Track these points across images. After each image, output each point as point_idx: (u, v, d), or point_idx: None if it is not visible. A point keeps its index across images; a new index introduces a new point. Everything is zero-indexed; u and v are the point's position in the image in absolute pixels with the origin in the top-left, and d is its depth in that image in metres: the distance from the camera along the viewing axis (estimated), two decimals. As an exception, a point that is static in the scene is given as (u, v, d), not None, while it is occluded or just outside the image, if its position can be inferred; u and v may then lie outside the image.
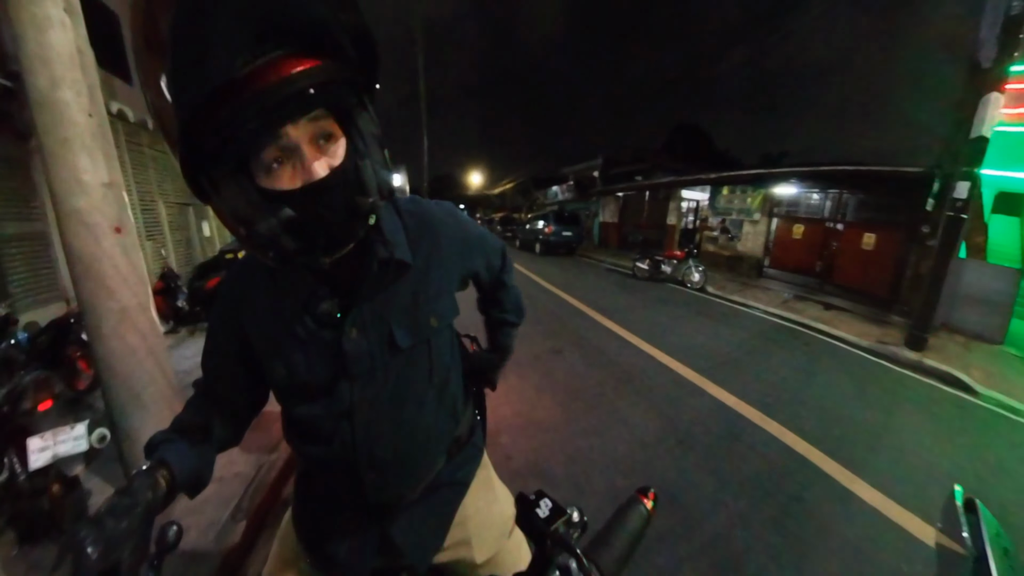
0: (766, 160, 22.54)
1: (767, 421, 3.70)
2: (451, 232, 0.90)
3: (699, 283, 9.98)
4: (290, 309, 0.76)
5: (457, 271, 0.92)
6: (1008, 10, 5.32)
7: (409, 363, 0.82)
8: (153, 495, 0.67)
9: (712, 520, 2.50)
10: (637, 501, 0.96)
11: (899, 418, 4.03)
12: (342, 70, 0.59)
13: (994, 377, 5.31)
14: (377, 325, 0.78)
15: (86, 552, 0.55)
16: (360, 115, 0.63)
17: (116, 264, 2.06)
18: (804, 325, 7.28)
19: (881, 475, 3.01)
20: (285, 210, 0.57)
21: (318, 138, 0.59)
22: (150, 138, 7.21)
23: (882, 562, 2.26)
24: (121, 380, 2.17)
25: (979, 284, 7.15)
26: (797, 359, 5.53)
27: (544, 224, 17.26)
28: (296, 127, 0.56)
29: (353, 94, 0.62)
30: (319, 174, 0.58)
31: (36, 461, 1.89)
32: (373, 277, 0.75)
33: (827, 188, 10.85)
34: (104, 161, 2.00)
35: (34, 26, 1.80)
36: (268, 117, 0.53)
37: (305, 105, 0.55)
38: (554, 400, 3.96)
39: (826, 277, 10.49)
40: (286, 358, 0.77)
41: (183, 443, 0.79)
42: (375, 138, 0.65)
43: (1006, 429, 4.04)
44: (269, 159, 0.57)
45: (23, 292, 4.43)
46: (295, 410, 0.82)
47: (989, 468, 3.30)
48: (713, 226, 14.20)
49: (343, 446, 0.80)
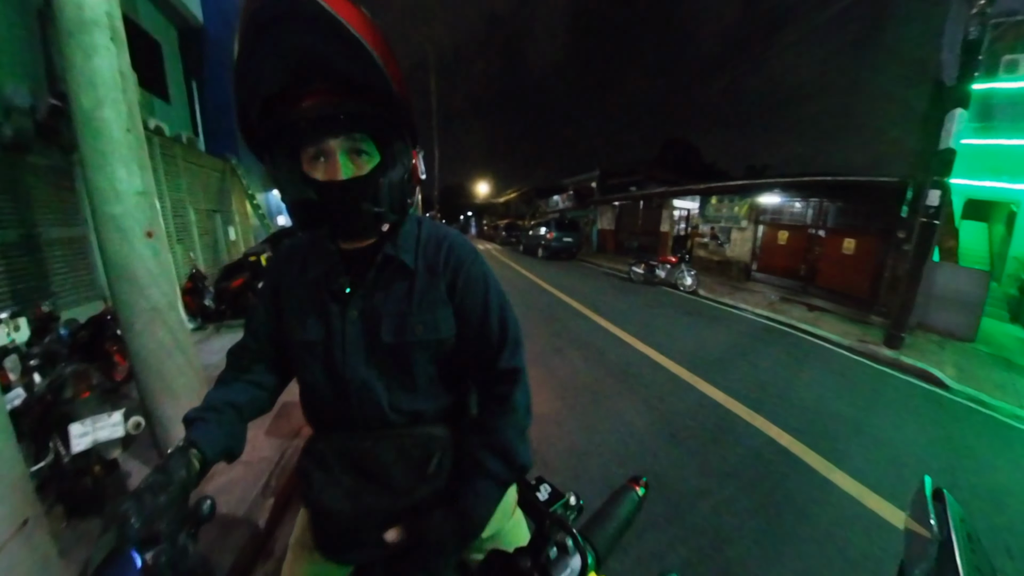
0: (751, 172, 22.55)
1: (753, 416, 3.69)
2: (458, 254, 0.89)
3: (691, 286, 9.95)
4: (312, 279, 0.87)
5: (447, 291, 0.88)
6: (967, 34, 5.46)
7: (390, 358, 0.85)
8: (187, 472, 0.70)
9: (699, 507, 2.50)
10: (629, 488, 0.97)
11: (877, 412, 4.02)
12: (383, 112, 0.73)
13: (966, 373, 5.30)
14: (371, 313, 0.84)
15: (130, 522, 0.58)
16: (397, 145, 0.77)
17: (147, 266, 2.12)
18: (789, 325, 7.25)
19: (858, 465, 3.01)
20: (309, 191, 0.73)
21: (352, 151, 0.74)
22: (183, 151, 7.36)
23: (855, 545, 2.27)
24: (153, 372, 2.23)
25: (952, 286, 7.16)
26: (783, 357, 5.51)
27: (546, 230, 17.32)
28: (336, 139, 0.71)
29: (396, 131, 0.77)
30: (341, 177, 0.72)
31: (78, 445, 1.96)
32: (377, 270, 0.85)
33: (809, 197, 10.85)
34: (139, 172, 2.06)
35: (82, 52, 1.87)
36: (314, 127, 0.70)
37: (342, 126, 0.71)
38: (554, 395, 3.96)
39: (810, 280, 10.46)
40: (302, 318, 0.87)
41: (212, 421, 0.81)
42: (404, 167, 0.79)
43: (976, 421, 4.05)
44: (312, 153, 0.72)
45: (64, 291, 4.50)
46: (303, 374, 0.89)
47: (959, 457, 3.31)
48: (703, 233, 14.19)
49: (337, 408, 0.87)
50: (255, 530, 2.11)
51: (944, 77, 6.53)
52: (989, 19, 5.54)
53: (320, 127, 0.70)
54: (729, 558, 2.14)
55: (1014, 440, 3.74)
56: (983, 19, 5.35)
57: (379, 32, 0.69)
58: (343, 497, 0.85)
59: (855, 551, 2.22)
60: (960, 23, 5.89)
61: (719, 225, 13.56)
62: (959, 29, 5.82)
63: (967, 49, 5.48)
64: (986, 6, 5.30)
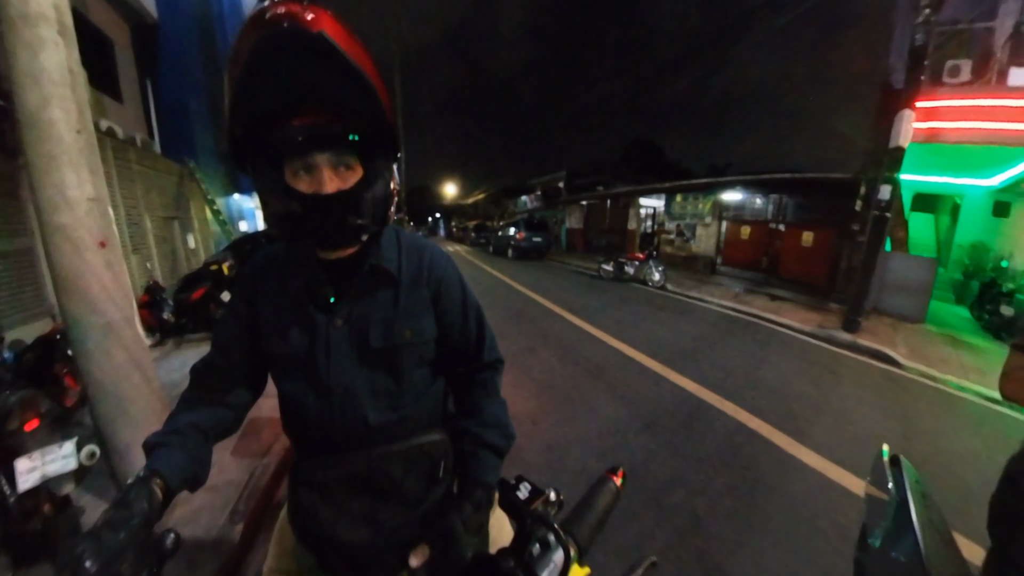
0: (713, 170, 23.27)
1: (723, 402, 3.85)
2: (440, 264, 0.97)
3: (659, 282, 10.20)
4: (294, 289, 0.87)
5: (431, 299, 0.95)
6: (913, 41, 5.89)
7: (379, 363, 0.88)
8: (149, 504, 0.65)
9: (675, 492, 2.60)
10: (607, 479, 1.01)
11: (837, 391, 4.29)
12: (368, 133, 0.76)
13: (916, 351, 5.71)
14: (358, 321, 0.86)
15: (84, 567, 0.54)
16: (379, 161, 0.79)
17: (100, 278, 1.97)
18: (753, 315, 7.56)
19: (821, 441, 3.21)
20: (295, 204, 0.74)
21: (338, 165, 0.75)
22: (138, 154, 7.01)
23: (820, 513, 2.44)
24: (108, 395, 2.06)
25: (903, 272, 7.70)
26: (748, 346, 5.75)
27: (515, 231, 17.35)
28: (323, 154, 0.73)
29: (379, 149, 0.79)
30: (327, 190, 0.74)
31: (25, 483, 1.76)
32: (362, 279, 0.87)
33: (769, 194, 11.40)
34: (90, 177, 1.93)
35: (26, 47, 1.75)
36: (304, 141, 0.71)
37: (331, 143, 0.73)
38: (530, 394, 4.00)
39: (771, 272, 10.95)
40: (283, 331, 0.86)
41: (176, 446, 0.77)
42: (386, 181, 0.81)
43: (927, 394, 4.40)
44: (297, 167, 0.73)
45: (9, 309, 4.19)
46: (286, 388, 0.88)
47: (912, 427, 3.61)
48: (670, 230, 14.60)
49: (323, 421, 0.86)
50: (225, 561, 2.00)
51: (893, 80, 6.99)
52: (934, 27, 5.98)
53: (310, 143, 0.71)
54: (706, 536, 2.24)
55: (960, 408, 4.11)
56: (928, 26, 5.79)
57: (371, 59, 0.73)
58: (360, 524, 0.85)
59: (822, 519, 2.38)
60: (907, 30, 6.32)
61: (684, 222, 14.00)
62: (906, 36, 6.25)
63: (913, 55, 5.91)
64: (931, 14, 5.74)
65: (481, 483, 0.86)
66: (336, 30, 0.66)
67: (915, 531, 0.39)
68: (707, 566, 2.05)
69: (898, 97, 6.15)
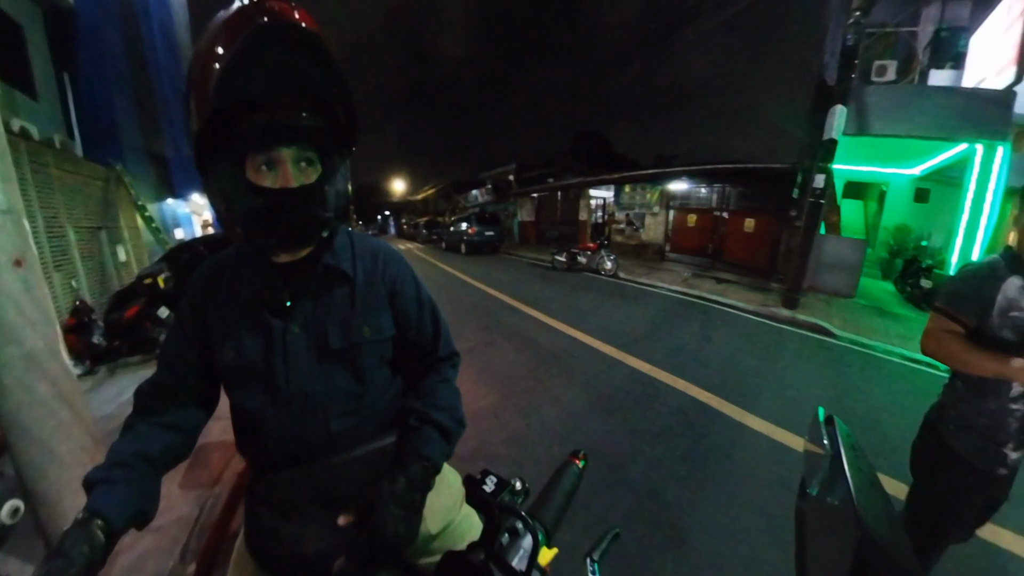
0: (660, 161, 23.97)
1: (676, 380, 4.04)
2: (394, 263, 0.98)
3: (611, 270, 10.50)
4: (246, 297, 0.84)
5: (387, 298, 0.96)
6: (844, 41, 6.37)
7: (340, 364, 0.87)
8: (90, 550, 0.60)
9: (635, 467, 2.71)
10: (570, 462, 1.04)
11: (779, 363, 4.63)
12: (331, 127, 0.79)
13: (849, 322, 6.25)
14: (315, 324, 0.85)
15: None
16: (337, 158, 0.81)
17: (17, 303, 1.70)
18: (701, 298, 7.94)
19: (766, 408, 3.47)
20: (260, 200, 0.73)
21: (301, 161, 0.76)
22: (57, 157, 6.19)
23: (766, 469, 2.69)
24: (32, 438, 1.78)
25: (836, 253, 8.41)
26: (698, 326, 6.05)
27: (467, 226, 17.25)
28: (288, 149, 0.73)
29: (336, 144, 0.80)
30: (293, 184, 0.74)
31: None
32: (318, 281, 0.86)
33: (713, 183, 12.00)
34: (1, 185, 1.71)
35: None
36: (270, 134, 0.72)
37: (297, 138, 0.74)
38: (490, 388, 4.01)
39: (717, 257, 11.53)
40: (237, 340, 0.83)
41: (119, 481, 0.71)
42: (345, 177, 0.83)
43: (858, 360, 4.87)
44: (260, 162, 0.72)
45: None
46: (241, 401, 0.84)
47: (845, 389, 4.03)
48: (619, 219, 14.99)
49: (282, 433, 0.83)
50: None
51: (827, 78, 7.51)
52: (864, 28, 6.47)
53: (277, 137, 0.72)
54: (664, 503, 2.38)
55: (886, 370, 4.57)
56: (858, 28, 6.26)
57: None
58: (325, 536, 0.83)
59: (768, 475, 2.63)
60: (839, 31, 6.82)
61: (634, 212, 14.42)
62: (839, 36, 6.75)
63: (845, 54, 6.39)
64: (861, 17, 6.22)
65: (419, 455, 0.83)
66: (318, 29, 0.70)
67: (847, 478, 0.43)
68: (666, 529, 2.18)
69: (831, 93, 6.63)
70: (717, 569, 1.95)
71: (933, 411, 1.51)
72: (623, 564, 1.96)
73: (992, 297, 1.27)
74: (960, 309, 1.32)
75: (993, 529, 1.67)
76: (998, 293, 1.26)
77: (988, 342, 1.28)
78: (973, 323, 1.30)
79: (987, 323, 1.28)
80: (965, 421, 1.37)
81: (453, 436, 0.92)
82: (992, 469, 1.34)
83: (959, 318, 1.32)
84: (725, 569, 1.95)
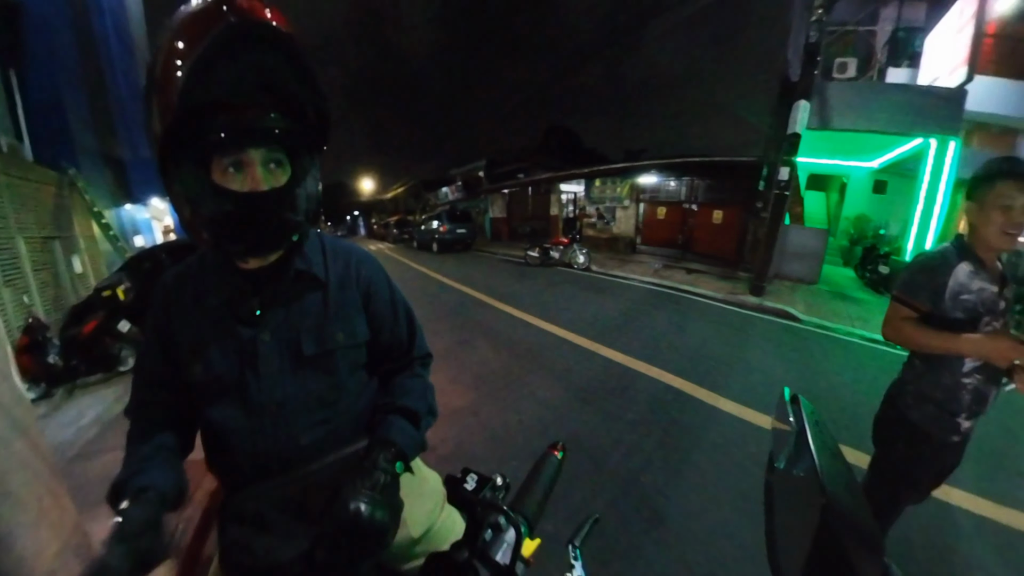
0: (629, 155, 24.25)
1: (650, 368, 4.14)
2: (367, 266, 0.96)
3: (584, 264, 10.61)
4: (214, 306, 0.81)
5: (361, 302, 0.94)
6: (807, 39, 6.61)
7: (314, 371, 0.85)
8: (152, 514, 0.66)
9: (613, 454, 2.77)
10: (549, 454, 1.05)
11: (748, 348, 4.82)
12: (302, 128, 0.76)
13: (813, 307, 6.56)
14: (287, 331, 0.83)
15: None
16: (306, 159, 0.78)
17: None
18: (672, 288, 8.14)
19: (736, 390, 3.63)
20: (227, 204, 0.69)
21: (270, 162, 0.72)
22: (4, 162, 5.75)
23: (737, 448, 2.83)
24: None
25: (800, 242, 8.82)
26: (670, 316, 6.20)
27: (439, 224, 17.06)
28: (257, 151, 0.70)
29: (306, 146, 0.77)
30: (263, 187, 0.71)
31: None
32: (289, 286, 0.84)
33: (682, 176, 12.31)
34: None
35: None
36: (238, 135, 0.68)
37: (266, 139, 0.70)
38: (468, 387, 3.99)
39: (687, 248, 11.84)
40: (205, 353, 0.80)
41: (155, 466, 0.75)
42: (315, 179, 0.81)
43: (822, 342, 5.15)
44: (227, 164, 0.69)
45: None
46: (212, 413, 0.81)
47: (810, 369, 4.27)
48: (591, 214, 15.15)
49: (255, 446, 0.81)
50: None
51: (790, 74, 7.78)
52: (825, 27, 6.74)
53: (246, 138, 0.69)
54: (643, 487, 2.45)
55: (847, 351, 4.84)
56: (820, 26, 6.50)
57: None
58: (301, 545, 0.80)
59: (739, 454, 2.77)
60: (802, 29, 7.07)
61: (604, 205, 14.61)
62: (802, 34, 7.01)
63: (807, 51, 6.63)
64: (823, 15, 6.46)
65: (382, 442, 0.82)
66: (289, 26, 0.68)
67: (811, 452, 0.46)
68: (645, 512, 2.25)
69: (795, 89, 6.88)
70: (695, 544, 2.04)
71: (893, 386, 1.63)
72: (607, 548, 2.00)
73: (944, 283, 1.38)
74: (916, 296, 1.42)
75: (946, 489, 1.83)
76: (950, 279, 1.37)
77: (942, 324, 1.38)
78: (928, 308, 1.41)
79: (941, 307, 1.39)
80: (923, 395, 1.48)
81: (421, 419, 0.91)
82: (947, 437, 1.46)
83: (915, 304, 1.43)
84: (702, 544, 2.04)
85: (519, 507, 0.90)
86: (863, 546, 0.40)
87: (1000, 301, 1.37)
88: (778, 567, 0.49)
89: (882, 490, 1.58)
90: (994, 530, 2.18)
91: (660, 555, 1.98)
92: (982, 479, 2.49)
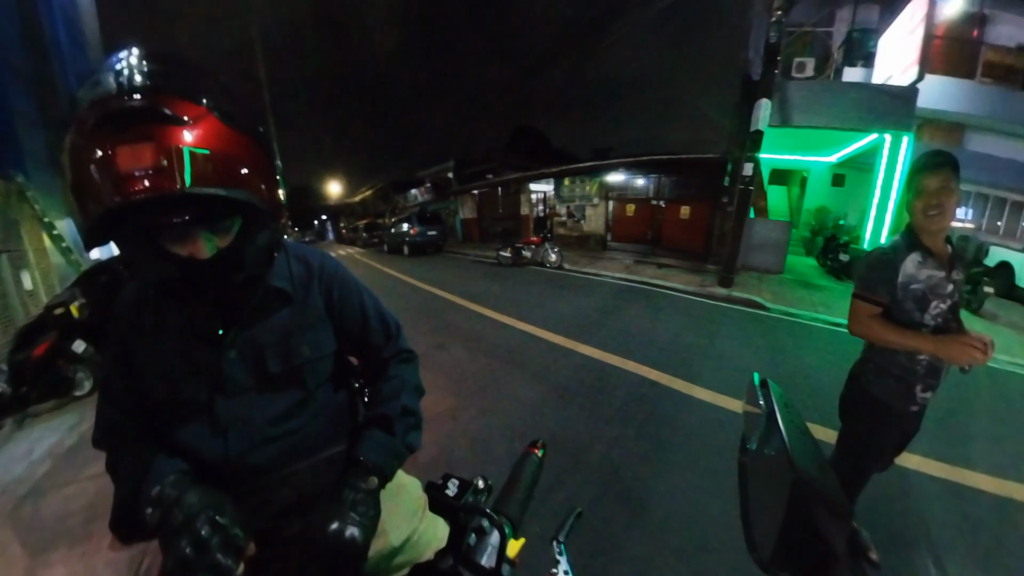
0: (597, 154, 24.57)
1: (626, 362, 4.21)
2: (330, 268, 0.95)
3: (556, 262, 10.69)
4: (176, 326, 0.78)
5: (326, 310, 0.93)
6: (767, 39, 6.84)
7: (282, 387, 0.84)
8: None
9: (594, 449, 2.80)
10: (529, 453, 1.06)
11: (719, 337, 5.00)
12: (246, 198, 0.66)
13: (778, 296, 6.86)
14: (252, 348, 0.81)
15: None
16: (259, 204, 0.68)
17: None
18: (644, 283, 8.31)
19: (709, 379, 3.77)
20: (172, 268, 0.65)
21: (217, 231, 0.67)
22: None
23: (713, 434, 2.95)
24: None
25: (764, 234, 9.18)
26: (643, 310, 6.34)
27: (409, 226, 16.84)
28: (199, 229, 0.65)
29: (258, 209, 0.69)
30: (206, 255, 0.66)
31: None
32: (254, 304, 0.81)
33: (649, 174, 12.62)
34: None
35: None
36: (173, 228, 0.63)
37: (207, 221, 0.65)
38: (446, 392, 3.92)
39: (656, 243, 12.16)
40: (166, 374, 0.78)
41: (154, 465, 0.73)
42: (269, 229, 0.74)
43: (788, 328, 5.43)
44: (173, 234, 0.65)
45: None
46: (178, 432, 0.79)
47: (778, 354, 4.50)
48: (561, 212, 15.31)
49: (224, 464, 0.79)
50: None
51: (752, 73, 8.06)
52: (784, 28, 6.98)
53: (187, 226, 0.64)
54: (625, 479, 2.50)
55: (812, 335, 5.12)
56: (779, 27, 6.73)
57: (254, 120, 0.70)
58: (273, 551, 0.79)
59: (715, 439, 2.89)
60: (762, 29, 7.32)
61: (574, 204, 14.79)
62: (762, 34, 7.25)
63: (768, 52, 6.87)
64: (782, 16, 6.68)
65: (354, 461, 0.81)
66: (212, 133, 0.60)
67: (781, 432, 0.48)
68: (628, 503, 2.29)
69: (756, 88, 7.13)
70: (676, 528, 2.10)
71: (856, 365, 1.75)
72: (594, 542, 2.03)
73: (895, 275, 1.49)
74: (874, 291, 1.53)
75: (906, 456, 1.97)
76: (899, 271, 1.48)
77: (897, 313, 1.50)
78: (887, 300, 1.51)
79: (895, 297, 1.50)
80: (882, 370, 1.59)
81: (395, 423, 0.89)
82: (906, 408, 1.58)
83: (874, 299, 1.52)
84: (683, 527, 2.11)
85: (502, 508, 0.90)
86: (832, 515, 0.42)
87: (948, 284, 1.47)
88: (754, 543, 0.51)
89: (849, 461, 1.70)
90: (948, 488, 2.43)
91: (644, 543, 2.03)
92: (936, 443, 2.71)
